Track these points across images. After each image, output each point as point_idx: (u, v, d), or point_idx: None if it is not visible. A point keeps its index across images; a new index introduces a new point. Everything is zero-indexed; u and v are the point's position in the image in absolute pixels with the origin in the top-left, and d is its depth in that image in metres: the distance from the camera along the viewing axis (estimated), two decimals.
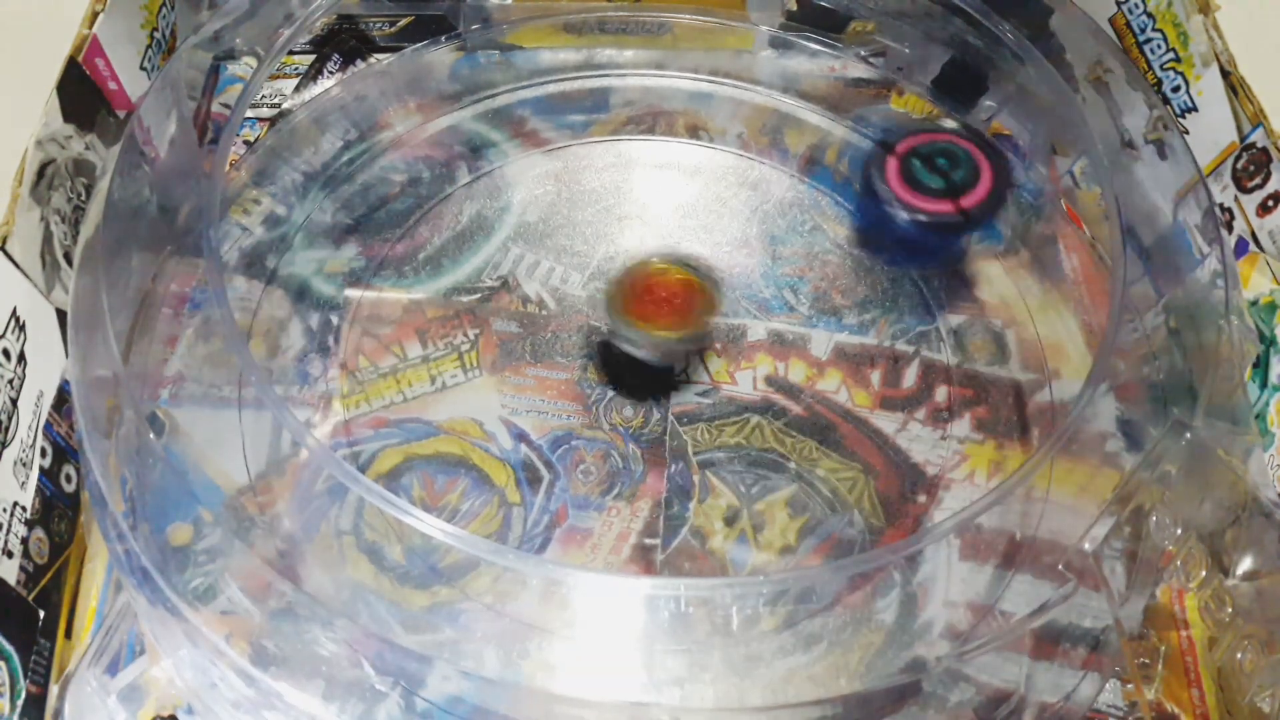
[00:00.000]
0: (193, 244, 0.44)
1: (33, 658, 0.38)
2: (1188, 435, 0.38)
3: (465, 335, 0.47)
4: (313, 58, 0.56)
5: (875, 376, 0.47)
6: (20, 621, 0.38)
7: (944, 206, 0.47)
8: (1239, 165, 0.47)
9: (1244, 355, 0.42)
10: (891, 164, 0.48)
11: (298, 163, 0.52)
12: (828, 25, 0.55)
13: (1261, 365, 0.44)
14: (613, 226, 0.51)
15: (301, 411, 0.45)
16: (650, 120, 0.54)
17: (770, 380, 0.47)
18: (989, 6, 0.49)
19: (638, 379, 0.47)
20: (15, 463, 0.39)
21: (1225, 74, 0.48)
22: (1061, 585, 0.37)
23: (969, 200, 0.47)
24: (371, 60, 0.56)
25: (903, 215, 0.47)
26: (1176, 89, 0.50)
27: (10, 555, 0.38)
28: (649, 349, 0.45)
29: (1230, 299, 0.42)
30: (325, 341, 0.46)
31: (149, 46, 0.51)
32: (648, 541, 0.43)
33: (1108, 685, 0.39)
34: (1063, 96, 0.47)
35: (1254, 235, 0.47)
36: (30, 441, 0.40)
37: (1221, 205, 0.48)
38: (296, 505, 0.42)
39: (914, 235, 0.47)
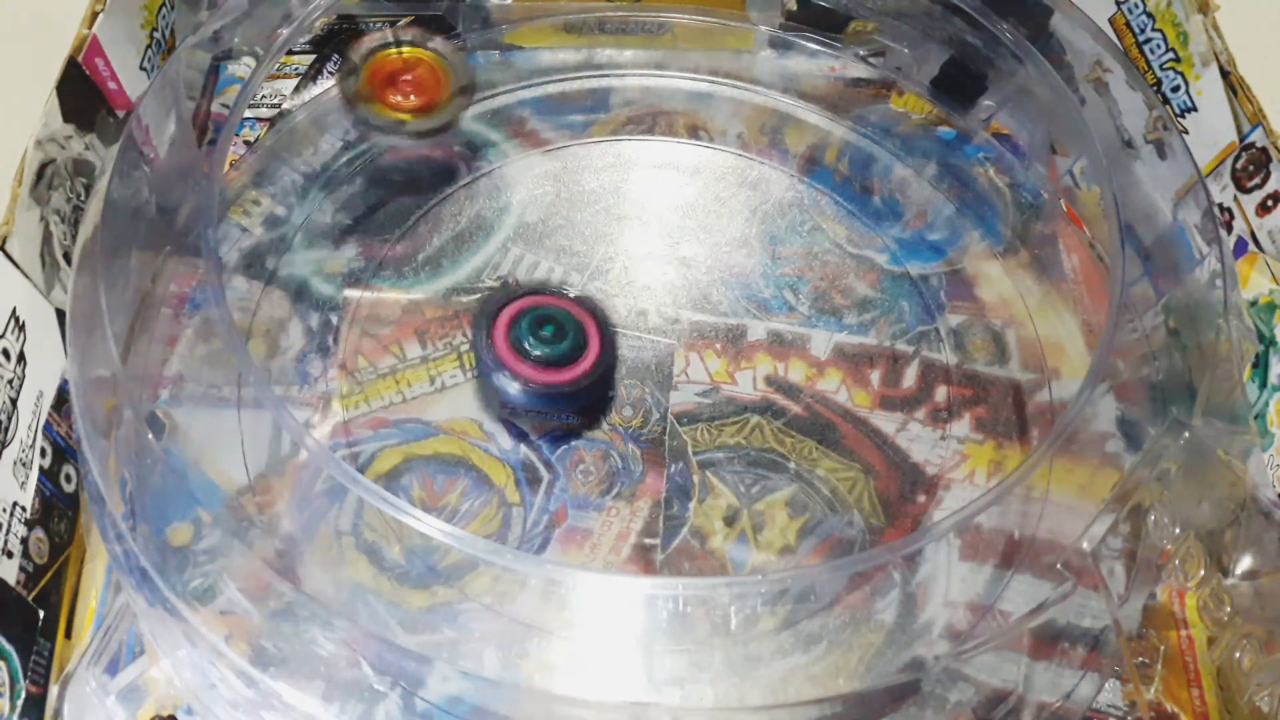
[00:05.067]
0: (192, 244, 0.44)
1: (33, 658, 0.38)
2: (1186, 434, 0.38)
3: (464, 335, 0.47)
4: (312, 58, 0.56)
5: (875, 376, 0.47)
6: (20, 621, 0.38)
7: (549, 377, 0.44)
8: (1238, 165, 0.47)
9: (1243, 355, 0.43)
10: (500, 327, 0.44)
11: (297, 163, 0.52)
12: (827, 25, 0.55)
13: (1261, 365, 0.44)
14: (612, 227, 0.51)
15: (301, 412, 0.45)
16: (650, 120, 0.54)
17: (770, 380, 0.47)
18: (989, 6, 0.49)
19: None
20: (15, 463, 0.39)
21: (1225, 74, 0.48)
22: (1060, 585, 0.37)
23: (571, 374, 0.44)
24: None
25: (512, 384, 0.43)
26: (1176, 89, 0.50)
27: (10, 555, 0.38)
28: (398, 133, 0.47)
29: (1229, 299, 0.42)
30: (325, 342, 0.46)
31: (149, 46, 0.51)
32: (647, 541, 0.43)
33: (1107, 685, 0.39)
34: (1062, 96, 0.47)
35: (1253, 235, 0.47)
36: (30, 441, 0.40)
37: (1221, 205, 0.48)
38: (296, 506, 0.42)
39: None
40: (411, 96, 0.49)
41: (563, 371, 0.43)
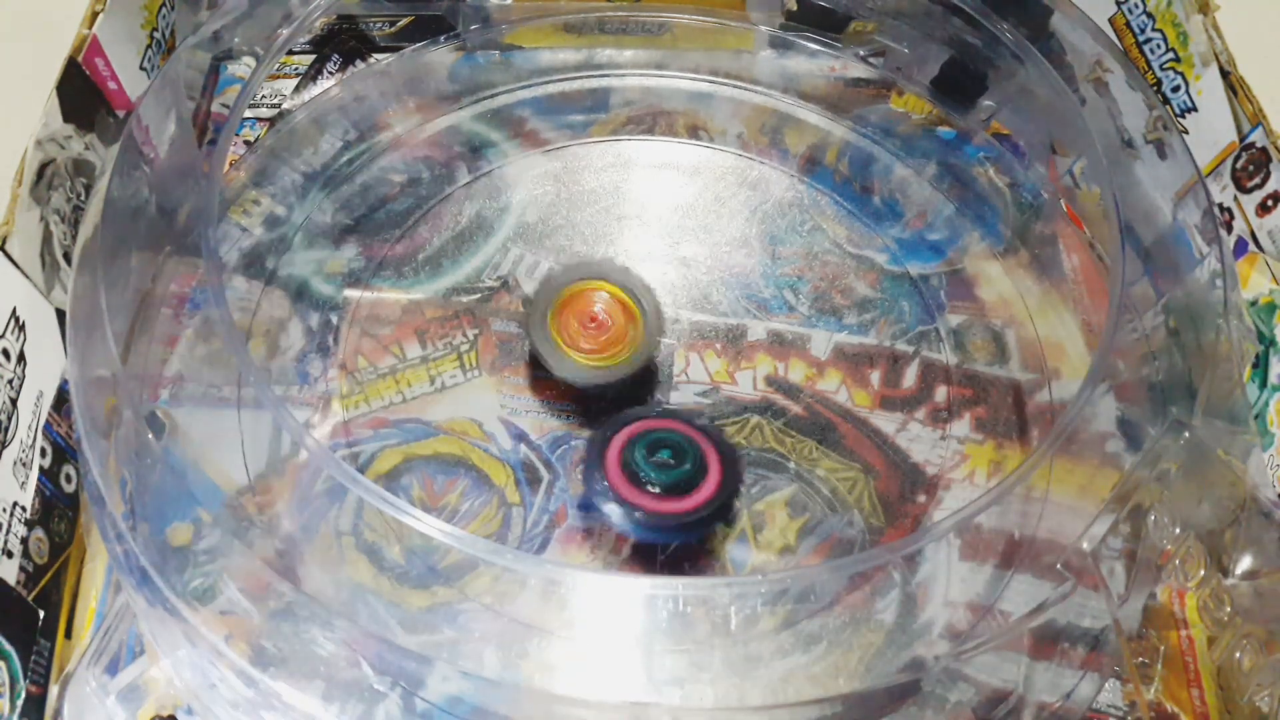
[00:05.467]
0: (192, 244, 0.44)
1: (33, 658, 0.38)
2: (1186, 434, 0.38)
3: (464, 335, 0.47)
4: (312, 58, 0.56)
5: (875, 376, 0.47)
6: (20, 621, 0.38)
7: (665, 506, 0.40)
8: (1238, 165, 0.47)
9: (1243, 355, 0.43)
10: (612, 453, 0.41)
11: (297, 163, 0.52)
12: (828, 25, 0.55)
13: (1261, 365, 0.44)
14: (612, 227, 0.51)
15: (301, 412, 0.45)
16: (650, 120, 0.54)
17: (770, 380, 0.47)
18: (989, 6, 0.49)
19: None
20: (15, 463, 0.39)
21: (1225, 74, 0.48)
22: (1060, 585, 0.37)
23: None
24: (371, 60, 0.56)
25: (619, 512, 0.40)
26: (1176, 89, 0.50)
27: (10, 555, 0.38)
28: (572, 375, 0.43)
29: (1229, 299, 0.42)
30: (325, 342, 0.47)
31: (149, 46, 0.51)
32: None
33: (1107, 685, 0.39)
34: (1062, 96, 0.47)
35: (1253, 235, 0.47)
36: (30, 441, 0.40)
37: (1221, 205, 0.48)
38: (296, 506, 0.42)
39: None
40: (599, 340, 0.44)
41: (684, 499, 0.40)
